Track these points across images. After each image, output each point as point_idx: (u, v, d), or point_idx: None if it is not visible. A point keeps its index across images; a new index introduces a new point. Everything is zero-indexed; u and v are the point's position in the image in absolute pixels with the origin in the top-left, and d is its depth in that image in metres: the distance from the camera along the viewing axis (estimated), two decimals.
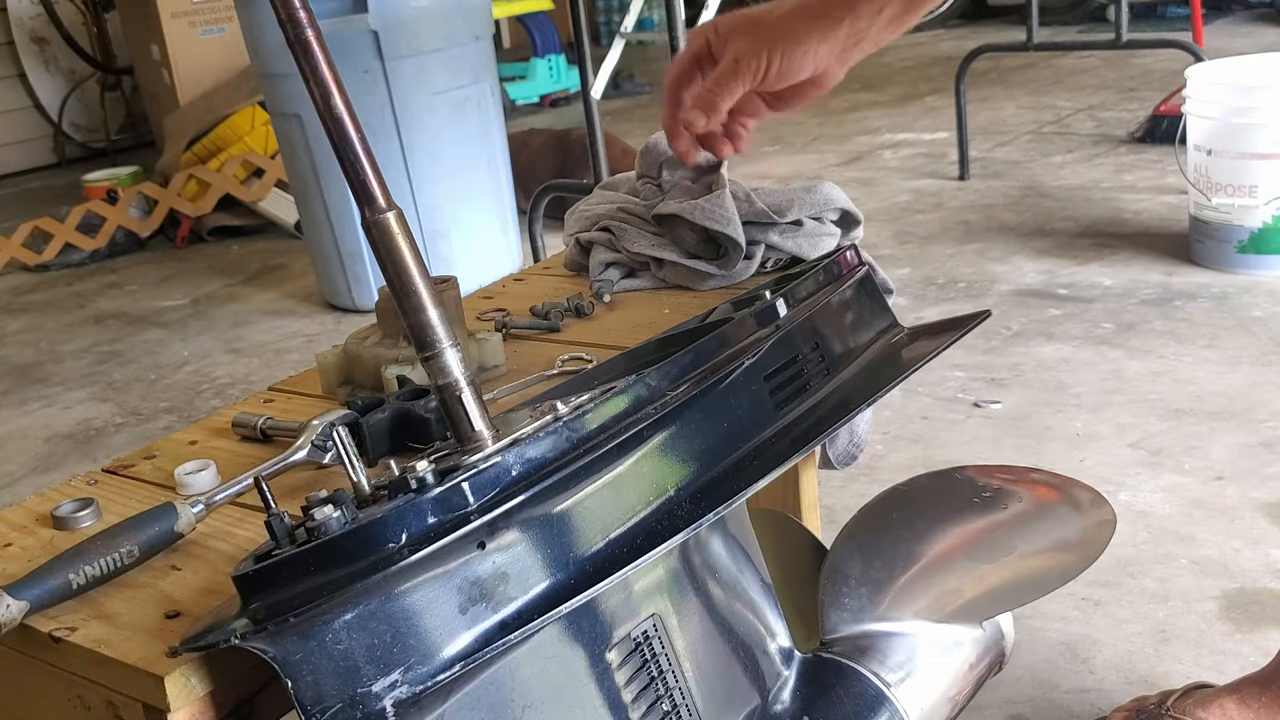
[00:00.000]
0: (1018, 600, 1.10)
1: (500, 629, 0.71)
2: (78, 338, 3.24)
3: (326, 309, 3.18)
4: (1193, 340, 2.29)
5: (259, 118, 3.96)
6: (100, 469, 1.07)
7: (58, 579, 0.79)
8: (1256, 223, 2.50)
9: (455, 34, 2.84)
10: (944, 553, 1.08)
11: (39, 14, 5.43)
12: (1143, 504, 1.75)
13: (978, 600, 1.06)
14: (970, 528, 1.11)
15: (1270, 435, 1.90)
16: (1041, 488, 1.16)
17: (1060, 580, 1.08)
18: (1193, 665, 1.41)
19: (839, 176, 3.82)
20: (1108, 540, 1.07)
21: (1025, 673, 1.41)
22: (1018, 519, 1.11)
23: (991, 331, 2.42)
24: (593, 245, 1.34)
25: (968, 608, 1.07)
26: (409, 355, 1.04)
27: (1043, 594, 1.14)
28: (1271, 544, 1.62)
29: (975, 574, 1.07)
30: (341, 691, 0.66)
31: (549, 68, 5.68)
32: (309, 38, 0.82)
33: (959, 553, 0.86)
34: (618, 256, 1.31)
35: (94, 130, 5.66)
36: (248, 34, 2.95)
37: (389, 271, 0.86)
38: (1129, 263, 2.72)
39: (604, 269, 1.31)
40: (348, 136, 0.83)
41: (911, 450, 2.00)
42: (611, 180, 1.46)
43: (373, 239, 0.86)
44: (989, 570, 1.07)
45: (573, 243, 1.37)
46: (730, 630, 0.93)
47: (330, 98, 0.83)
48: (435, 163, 2.87)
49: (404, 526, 0.69)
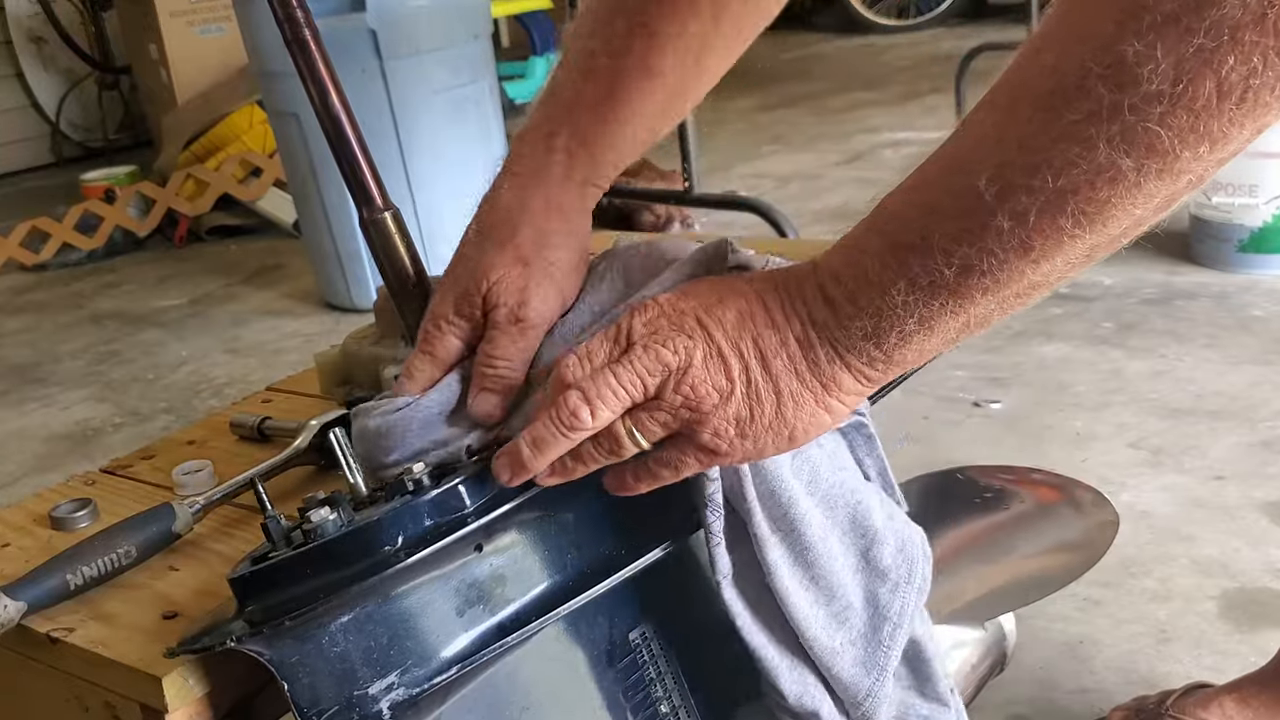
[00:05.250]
0: (1020, 601, 1.10)
1: (498, 631, 0.70)
2: (75, 338, 3.24)
3: (325, 309, 3.18)
4: (1193, 339, 2.29)
5: (257, 117, 3.95)
6: (98, 469, 1.06)
7: (55, 579, 0.79)
8: (1257, 222, 2.49)
9: (454, 33, 2.84)
10: (946, 554, 1.08)
11: (36, 13, 5.42)
12: (1143, 504, 1.75)
13: (980, 601, 1.06)
14: (972, 528, 1.11)
15: (1270, 435, 1.90)
16: (1043, 488, 1.16)
17: (1063, 581, 1.08)
18: (1193, 665, 1.41)
19: (839, 175, 3.82)
20: (1110, 541, 1.08)
21: (1026, 673, 1.41)
22: (1020, 520, 1.11)
23: (992, 331, 2.40)
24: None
25: (970, 608, 1.06)
26: (407, 355, 1.03)
27: (1045, 594, 1.14)
28: (1272, 544, 1.62)
29: (977, 575, 1.07)
30: (338, 694, 0.65)
31: (548, 67, 5.68)
32: (306, 36, 0.82)
33: (961, 554, 0.86)
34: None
35: (91, 129, 5.65)
36: (246, 33, 2.94)
37: (387, 271, 0.86)
38: (1129, 262, 2.71)
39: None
40: (345, 136, 0.83)
41: (912, 450, 2.00)
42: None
43: (371, 239, 0.86)
44: (991, 571, 1.07)
45: None
46: (730, 631, 0.93)
47: (328, 97, 0.83)
48: (434, 162, 2.86)
49: (401, 529, 0.69)
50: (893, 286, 0.62)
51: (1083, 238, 0.58)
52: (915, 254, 0.61)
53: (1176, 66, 0.52)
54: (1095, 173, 0.55)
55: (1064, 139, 0.55)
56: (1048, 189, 0.56)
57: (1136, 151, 0.54)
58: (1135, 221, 0.58)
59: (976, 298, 0.61)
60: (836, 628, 0.80)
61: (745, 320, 0.67)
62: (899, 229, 0.62)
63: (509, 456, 0.71)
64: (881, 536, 0.81)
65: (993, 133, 0.59)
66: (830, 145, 4.23)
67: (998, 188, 0.57)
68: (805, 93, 5.04)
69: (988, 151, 0.59)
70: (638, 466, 0.71)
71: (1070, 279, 0.62)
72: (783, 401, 0.67)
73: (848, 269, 0.64)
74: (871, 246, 0.63)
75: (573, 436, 0.68)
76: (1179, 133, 0.53)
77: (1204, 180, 0.57)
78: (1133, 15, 0.52)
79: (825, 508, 0.80)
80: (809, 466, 0.79)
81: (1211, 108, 0.52)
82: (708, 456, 0.69)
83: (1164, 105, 0.53)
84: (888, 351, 0.65)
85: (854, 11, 6.24)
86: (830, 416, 0.68)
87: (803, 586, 0.79)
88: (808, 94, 5.03)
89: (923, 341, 0.64)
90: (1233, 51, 0.51)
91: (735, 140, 4.39)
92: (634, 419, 0.68)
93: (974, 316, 0.63)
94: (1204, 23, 0.51)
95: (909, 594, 0.82)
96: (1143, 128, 0.53)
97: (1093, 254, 0.60)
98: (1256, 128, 0.54)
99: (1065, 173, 0.56)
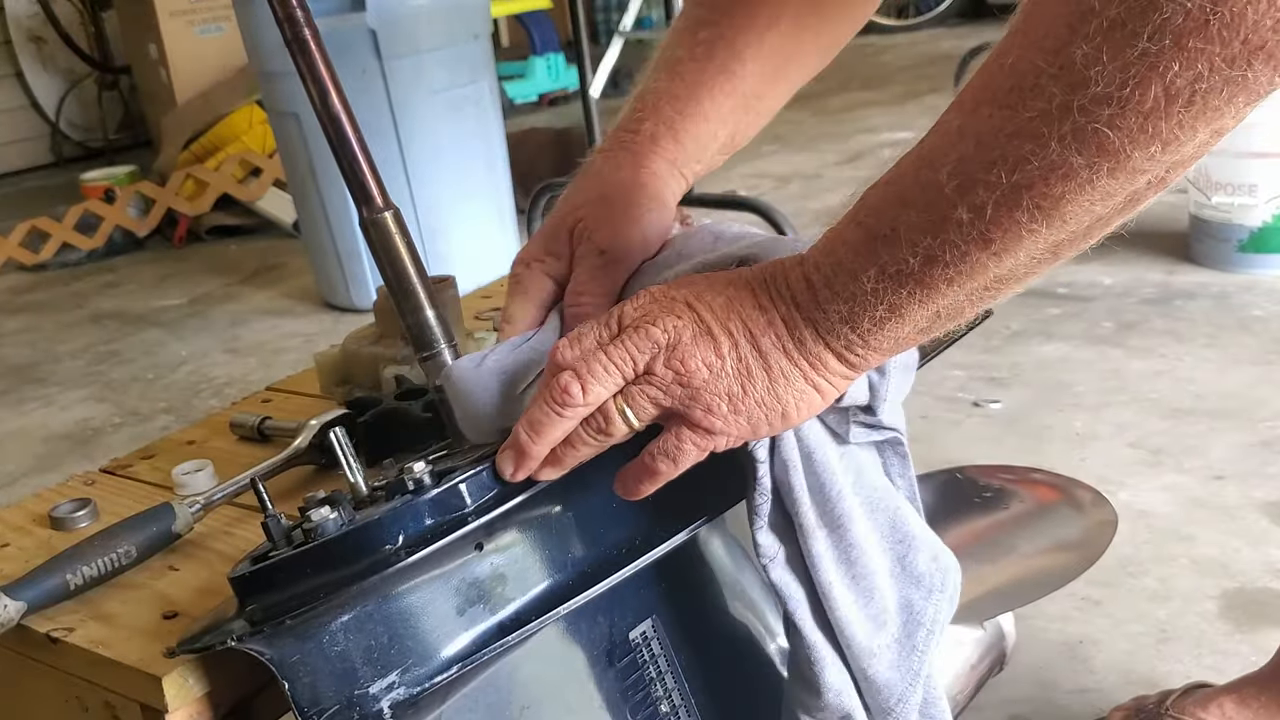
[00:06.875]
0: (1019, 600, 1.10)
1: (498, 630, 0.70)
2: (75, 338, 3.24)
3: (324, 308, 3.18)
4: (1193, 339, 2.29)
5: (257, 116, 3.95)
6: (98, 469, 1.06)
7: (55, 579, 0.79)
8: (1256, 221, 2.50)
9: (453, 33, 2.84)
10: None
11: (36, 13, 5.42)
12: (1143, 503, 1.75)
13: (979, 600, 1.06)
14: (971, 528, 1.11)
15: (1270, 435, 1.90)
16: (1042, 488, 1.16)
17: (1062, 580, 1.08)
18: (1193, 665, 1.41)
19: (839, 175, 3.82)
20: (1109, 540, 1.08)
21: (1025, 672, 1.41)
22: (1019, 519, 1.11)
23: (991, 331, 2.42)
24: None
25: (969, 608, 1.06)
26: (407, 355, 1.03)
27: (1044, 594, 1.14)
28: (1271, 544, 1.62)
29: (976, 574, 1.07)
30: (339, 693, 0.65)
31: (547, 67, 5.68)
32: (306, 36, 0.82)
33: (960, 553, 0.86)
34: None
35: (91, 129, 5.65)
36: (245, 32, 2.94)
37: (387, 271, 0.86)
38: (1129, 262, 2.71)
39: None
40: (345, 135, 0.83)
41: (911, 450, 1.99)
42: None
43: (370, 238, 0.85)
44: (990, 570, 1.07)
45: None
46: (730, 631, 0.93)
47: (328, 96, 0.83)
48: (433, 162, 2.86)
49: (401, 528, 0.69)
50: (863, 274, 0.64)
51: (1040, 232, 0.59)
52: (885, 244, 0.63)
53: (1123, 70, 0.53)
54: (1048, 169, 0.56)
55: (1018, 135, 0.57)
56: (1003, 184, 0.58)
57: (1087, 150, 0.55)
58: (1096, 219, 0.60)
59: (941, 288, 0.63)
60: (875, 629, 0.80)
61: (733, 304, 0.69)
62: (874, 220, 0.64)
63: (510, 448, 0.71)
64: (918, 544, 0.82)
65: (956, 129, 0.60)
66: (830, 145, 4.23)
67: (957, 182, 0.59)
68: (805, 93, 4.99)
69: (950, 146, 0.60)
70: (638, 466, 0.72)
71: (1041, 274, 0.64)
72: (773, 377, 0.68)
73: (827, 257, 0.67)
74: (848, 236, 0.66)
75: (566, 414, 0.69)
76: (1129, 134, 0.54)
77: (1167, 181, 0.59)
78: (1082, 19, 0.54)
79: (868, 509, 0.80)
80: (855, 465, 0.79)
81: (1160, 110, 0.53)
82: (703, 437, 0.70)
83: (1112, 108, 0.54)
84: (863, 336, 0.67)
85: None
86: (820, 396, 0.70)
87: (844, 583, 0.79)
88: (807, 94, 5.00)
89: (896, 328, 0.66)
90: (1177, 57, 0.52)
91: None
92: (626, 396, 0.69)
93: (943, 307, 0.64)
94: (1147, 28, 0.52)
95: (942, 602, 0.82)
96: (1092, 128, 0.54)
97: (1058, 250, 0.62)
98: (1212, 130, 0.55)
99: (1019, 168, 0.57)
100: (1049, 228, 0.59)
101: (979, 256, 0.61)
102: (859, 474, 0.80)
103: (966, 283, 0.62)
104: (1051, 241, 0.60)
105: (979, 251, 0.60)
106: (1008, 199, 0.58)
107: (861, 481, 0.80)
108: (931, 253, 0.61)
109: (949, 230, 0.60)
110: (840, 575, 0.79)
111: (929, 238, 0.61)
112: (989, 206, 0.59)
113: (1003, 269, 0.62)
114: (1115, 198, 0.58)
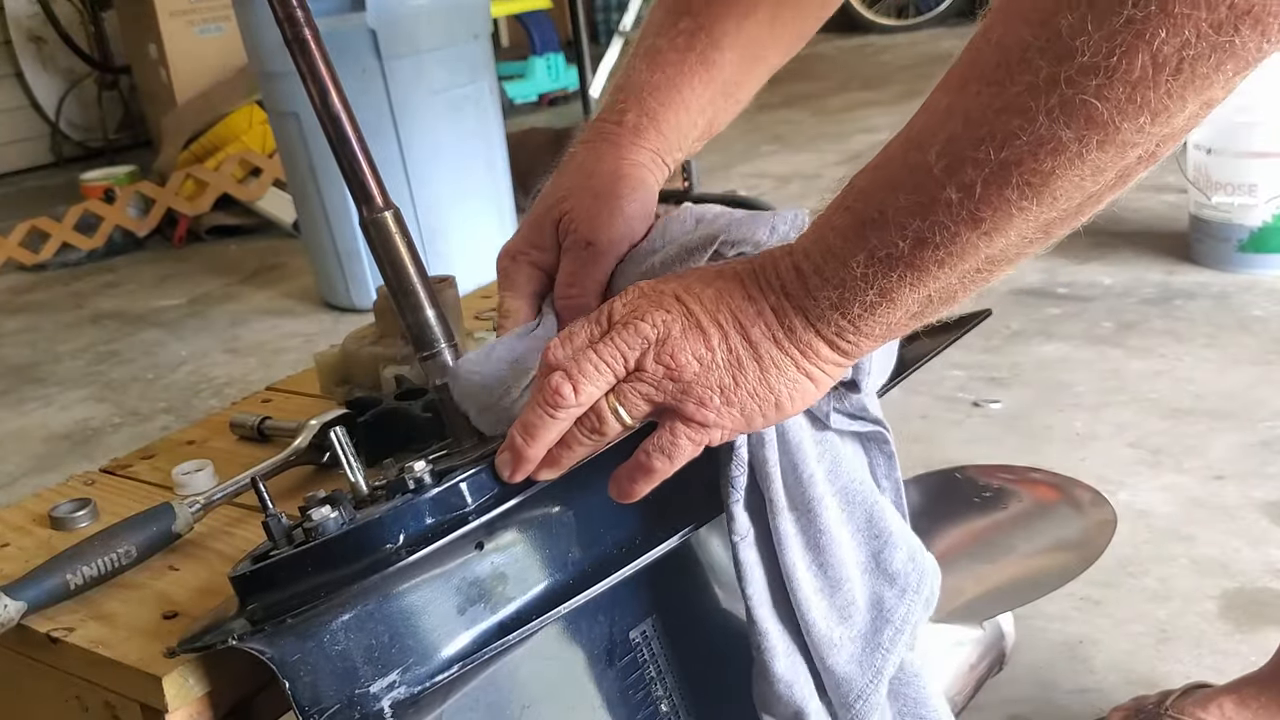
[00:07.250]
0: (1018, 600, 1.10)
1: (499, 629, 0.70)
2: (75, 338, 3.24)
3: (324, 308, 3.18)
4: (1192, 339, 2.29)
5: (257, 116, 3.95)
6: (98, 469, 1.06)
7: (55, 579, 0.79)
8: (1256, 221, 2.49)
9: (453, 33, 2.84)
10: (944, 553, 1.08)
11: (36, 13, 5.42)
12: (1142, 503, 1.75)
13: (978, 600, 1.06)
14: (971, 528, 1.11)
15: (1270, 435, 1.90)
16: (1042, 488, 1.16)
17: (1061, 580, 1.08)
18: (1193, 665, 1.41)
19: (839, 175, 3.81)
20: (1108, 540, 1.08)
21: (1025, 673, 1.41)
22: (1018, 519, 1.11)
23: (991, 330, 2.42)
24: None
25: (968, 608, 1.07)
26: (407, 355, 1.03)
27: (1043, 594, 1.14)
28: (1271, 544, 1.62)
29: (976, 574, 1.07)
30: (339, 692, 0.65)
31: (547, 66, 5.68)
32: (306, 36, 0.82)
33: (959, 553, 0.86)
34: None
35: (91, 129, 5.65)
36: (245, 32, 2.94)
37: (387, 271, 0.86)
38: (1129, 261, 2.71)
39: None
40: (345, 135, 0.83)
41: (911, 450, 2.00)
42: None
43: (370, 238, 0.85)
44: (989, 570, 1.07)
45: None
46: (730, 630, 0.93)
47: (328, 96, 0.83)
48: (433, 162, 2.86)
49: (402, 527, 0.69)
50: (852, 259, 0.64)
51: (1030, 210, 0.59)
52: (873, 228, 0.63)
53: (1109, 39, 0.52)
54: (1037, 144, 0.56)
55: (1005, 111, 0.56)
56: (991, 161, 0.57)
57: (1076, 123, 0.55)
58: (1088, 196, 0.59)
59: (932, 270, 0.62)
60: (838, 620, 0.80)
61: (722, 295, 0.69)
62: (862, 204, 0.64)
63: (507, 451, 0.71)
64: (895, 541, 0.81)
65: (944, 108, 0.60)
66: (830, 145, 4.23)
67: (946, 161, 0.59)
68: (805, 92, 5.04)
69: (938, 126, 0.60)
70: (633, 464, 0.72)
71: (1031, 255, 0.63)
72: (764, 367, 0.68)
73: (816, 244, 0.66)
74: (837, 221, 0.66)
75: (559, 415, 0.69)
76: (1117, 104, 0.54)
77: (1158, 156, 0.58)
78: None
79: (843, 500, 0.80)
80: (831, 454, 0.79)
81: (1148, 80, 0.53)
82: (697, 431, 0.69)
83: (1099, 78, 0.53)
84: (854, 322, 0.66)
85: (853, 11, 6.24)
86: (814, 385, 0.69)
87: (810, 570, 0.79)
88: (807, 94, 5.02)
89: (887, 313, 0.65)
90: (1163, 24, 0.51)
91: (735, 140, 4.39)
92: (618, 394, 0.69)
93: (935, 290, 0.64)
94: None
95: (915, 603, 0.82)
96: (1080, 99, 0.54)
97: (1050, 229, 0.61)
98: (1202, 101, 0.54)
99: (1008, 144, 0.56)
100: (1039, 205, 0.58)
101: (969, 237, 0.60)
102: (836, 463, 0.80)
103: (957, 264, 0.62)
104: (1043, 220, 0.60)
105: (969, 232, 0.60)
106: (997, 176, 0.57)
107: (839, 471, 0.80)
108: (921, 235, 0.61)
109: (938, 211, 0.60)
110: (806, 560, 0.79)
111: (918, 219, 0.61)
112: (978, 185, 0.58)
113: (994, 249, 0.61)
114: (1105, 173, 0.57)
